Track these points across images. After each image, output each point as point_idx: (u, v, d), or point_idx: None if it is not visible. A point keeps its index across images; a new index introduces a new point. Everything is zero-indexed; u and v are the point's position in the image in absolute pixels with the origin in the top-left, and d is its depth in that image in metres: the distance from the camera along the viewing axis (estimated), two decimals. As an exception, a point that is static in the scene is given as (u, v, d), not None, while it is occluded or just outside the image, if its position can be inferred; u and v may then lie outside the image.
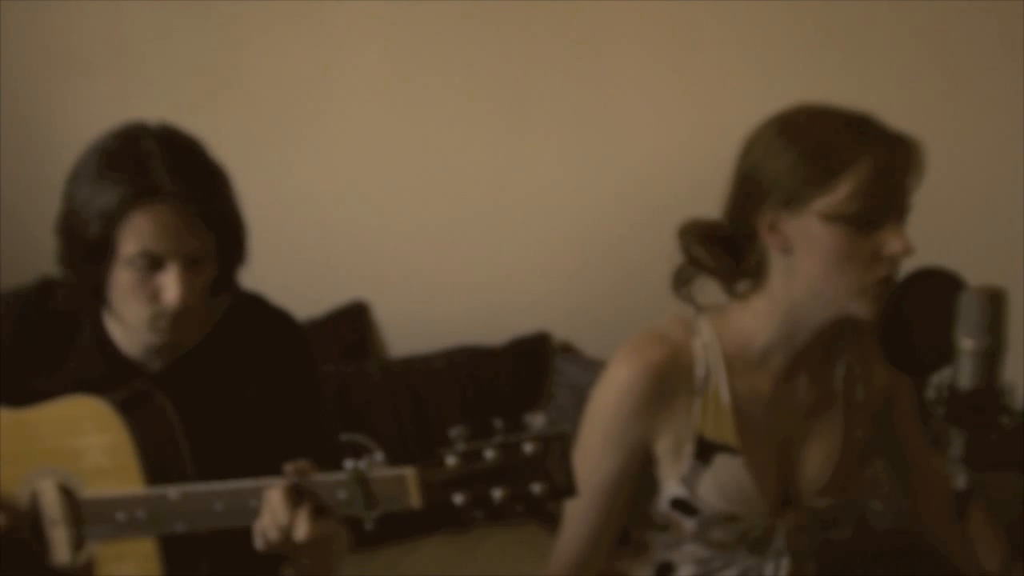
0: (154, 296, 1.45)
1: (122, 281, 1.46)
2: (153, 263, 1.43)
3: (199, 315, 1.50)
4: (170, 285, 1.43)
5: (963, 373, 1.27)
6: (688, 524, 1.54)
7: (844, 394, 1.57)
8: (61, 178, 1.50)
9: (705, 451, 1.50)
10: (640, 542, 1.62)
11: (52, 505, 1.48)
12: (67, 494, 1.47)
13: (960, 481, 1.29)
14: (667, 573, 1.61)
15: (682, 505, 1.53)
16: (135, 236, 1.42)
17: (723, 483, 1.50)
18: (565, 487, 1.24)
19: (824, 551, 1.65)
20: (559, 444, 1.24)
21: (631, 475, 1.53)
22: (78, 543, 1.48)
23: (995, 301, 1.27)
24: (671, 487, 1.52)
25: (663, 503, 1.54)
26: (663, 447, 1.51)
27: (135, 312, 1.48)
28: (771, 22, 2.38)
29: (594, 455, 1.50)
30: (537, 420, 2.50)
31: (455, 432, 1.25)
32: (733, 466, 1.50)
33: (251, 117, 2.75)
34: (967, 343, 1.27)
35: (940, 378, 1.30)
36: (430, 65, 2.64)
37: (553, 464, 1.23)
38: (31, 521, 1.49)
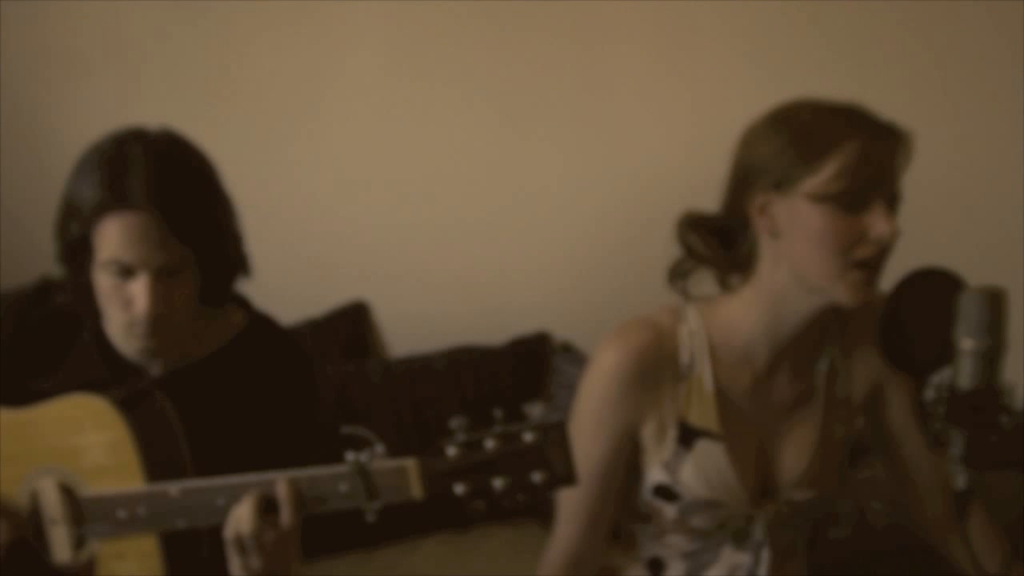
0: (127, 303, 1.45)
1: (101, 285, 1.47)
2: (125, 271, 1.44)
3: (181, 323, 1.50)
4: (139, 295, 1.44)
5: (963, 373, 1.28)
6: (669, 511, 1.55)
7: (825, 390, 1.59)
8: (61, 178, 1.50)
9: (687, 436, 1.53)
10: (630, 536, 1.63)
11: (52, 504, 1.48)
12: (67, 493, 1.47)
13: (960, 481, 1.29)
14: (658, 571, 1.62)
15: (664, 491, 1.54)
16: (107, 242, 1.43)
17: (704, 468, 1.52)
18: (565, 475, 1.25)
19: (822, 550, 1.66)
20: (558, 433, 1.25)
21: (622, 461, 1.55)
22: (79, 542, 1.48)
23: (995, 301, 1.28)
24: (654, 473, 1.54)
25: (646, 491, 1.56)
26: (648, 432, 1.53)
27: (114, 316, 1.49)
28: (771, 22, 2.39)
29: (585, 442, 1.51)
30: (536, 410, 2.50)
31: (455, 423, 1.26)
32: (714, 452, 1.52)
33: (251, 117, 2.75)
34: (967, 343, 1.27)
35: (940, 378, 1.30)
36: (430, 65, 2.64)
37: (553, 453, 1.24)
38: (31, 521, 1.49)
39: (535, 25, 2.55)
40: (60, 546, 1.48)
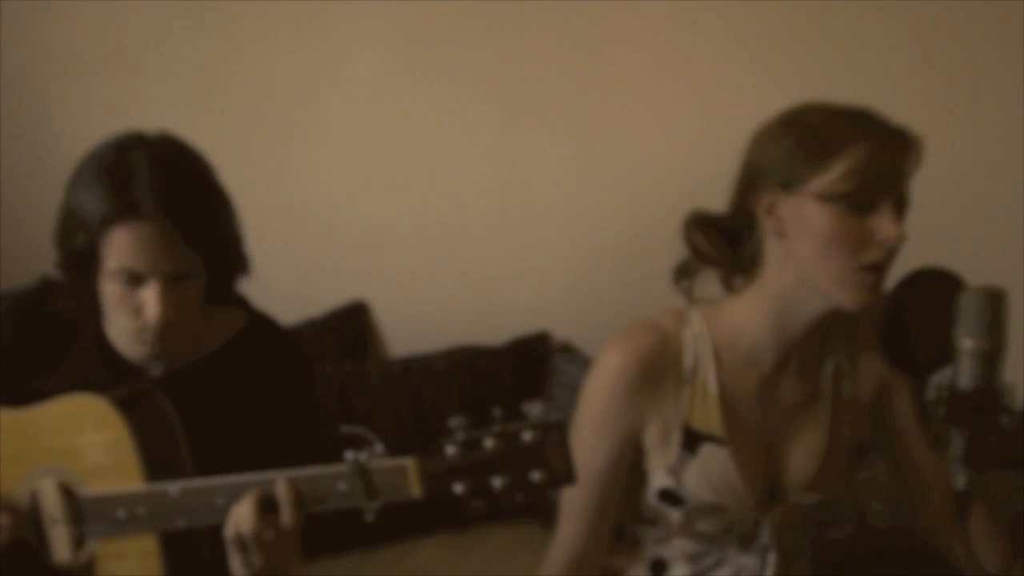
0: (137, 310, 1.45)
1: (108, 293, 1.47)
2: (134, 279, 1.44)
3: (189, 327, 1.50)
4: (150, 302, 1.44)
5: (963, 373, 1.28)
6: (675, 515, 1.55)
7: (832, 392, 1.58)
8: (61, 178, 1.50)
9: (692, 441, 1.52)
10: (633, 537, 1.63)
11: (52, 504, 1.48)
12: (67, 493, 1.47)
13: (960, 481, 1.29)
14: (661, 571, 1.62)
15: (669, 496, 1.54)
16: (115, 252, 1.42)
17: (709, 473, 1.52)
18: (564, 474, 1.25)
19: (822, 550, 1.65)
20: (557, 432, 1.25)
21: (625, 464, 1.55)
22: (78, 542, 1.48)
23: (995, 301, 1.28)
24: (659, 478, 1.54)
25: (651, 495, 1.56)
26: (652, 436, 1.53)
27: (122, 324, 1.49)
28: (772, 22, 2.39)
29: (588, 444, 1.51)
30: (535, 409, 2.50)
31: (455, 422, 1.26)
32: (719, 456, 1.52)
33: (251, 117, 2.75)
34: (967, 343, 1.27)
35: (940, 378, 1.30)
36: (430, 65, 2.64)
37: (552, 452, 1.24)
38: (31, 520, 1.49)
39: (535, 25, 2.55)
40: (60, 546, 1.48)
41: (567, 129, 2.59)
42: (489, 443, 1.24)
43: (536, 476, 1.24)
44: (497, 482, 1.24)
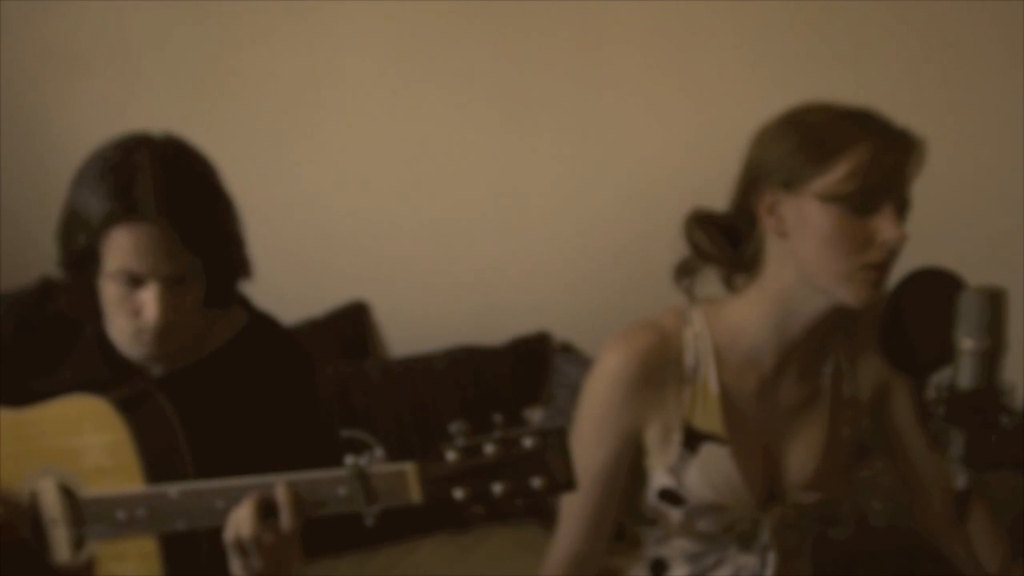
0: (136, 312, 1.45)
1: (108, 293, 1.47)
2: (133, 280, 1.44)
3: (188, 329, 1.50)
4: (149, 304, 1.44)
5: (963, 373, 1.28)
6: (675, 515, 1.55)
7: (832, 392, 1.59)
8: (61, 178, 1.50)
9: (692, 440, 1.52)
10: (633, 537, 1.63)
11: (52, 505, 1.48)
12: (67, 493, 1.47)
13: (960, 481, 1.29)
14: (661, 571, 1.62)
15: (669, 495, 1.54)
16: (116, 253, 1.42)
17: (709, 472, 1.52)
18: (564, 481, 1.25)
19: (822, 550, 1.66)
20: (558, 438, 1.25)
21: (625, 464, 1.55)
22: (78, 542, 1.48)
23: (995, 301, 1.28)
24: (659, 477, 1.54)
25: (651, 495, 1.56)
26: (652, 435, 1.53)
27: (120, 324, 1.49)
28: (771, 23, 2.39)
29: (588, 444, 1.52)
30: (536, 415, 2.50)
31: (455, 427, 1.26)
32: (719, 456, 1.52)
33: (251, 117, 2.75)
34: (967, 343, 1.27)
35: (940, 378, 1.30)
36: (429, 66, 2.64)
37: (552, 458, 1.24)
38: (31, 521, 1.49)
39: (535, 25, 2.55)
40: (60, 547, 1.48)
41: (567, 129, 2.59)
42: (490, 449, 1.24)
43: (537, 482, 1.24)
44: (497, 488, 1.24)
